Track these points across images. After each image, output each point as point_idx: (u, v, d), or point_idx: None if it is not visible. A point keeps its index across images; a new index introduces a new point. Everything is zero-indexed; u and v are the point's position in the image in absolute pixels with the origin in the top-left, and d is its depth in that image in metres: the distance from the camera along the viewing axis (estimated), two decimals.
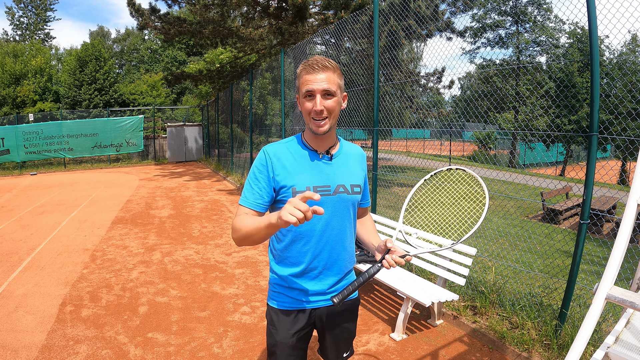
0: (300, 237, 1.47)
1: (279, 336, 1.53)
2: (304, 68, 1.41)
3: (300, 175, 1.44)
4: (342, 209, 1.50)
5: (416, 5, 7.67)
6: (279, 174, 1.44)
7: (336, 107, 1.42)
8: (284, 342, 1.52)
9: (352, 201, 1.52)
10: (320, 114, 1.39)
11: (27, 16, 38.78)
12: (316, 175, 1.46)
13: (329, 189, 1.46)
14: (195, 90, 25.32)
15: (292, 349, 1.53)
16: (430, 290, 3.26)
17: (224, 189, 11.04)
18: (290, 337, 1.52)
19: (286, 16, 11.60)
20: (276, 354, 1.54)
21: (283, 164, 1.45)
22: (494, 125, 20.45)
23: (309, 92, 1.39)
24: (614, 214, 8.92)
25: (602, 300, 1.15)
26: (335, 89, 1.40)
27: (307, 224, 1.45)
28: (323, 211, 1.13)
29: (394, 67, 6.90)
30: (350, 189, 1.51)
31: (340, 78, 1.44)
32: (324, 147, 1.51)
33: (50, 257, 5.23)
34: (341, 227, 1.51)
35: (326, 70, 1.39)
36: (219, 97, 15.35)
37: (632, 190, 1.23)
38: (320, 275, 1.52)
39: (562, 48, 19.28)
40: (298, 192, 1.41)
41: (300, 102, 1.44)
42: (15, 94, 21.84)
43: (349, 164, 1.55)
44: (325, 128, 1.41)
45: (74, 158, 17.76)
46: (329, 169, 1.49)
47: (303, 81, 1.40)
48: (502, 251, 5.10)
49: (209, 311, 3.65)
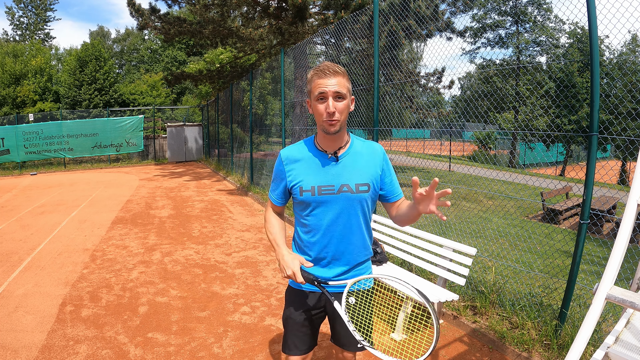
0: (310, 230, 1.65)
1: (290, 312, 1.74)
2: (315, 73, 1.54)
3: (306, 176, 1.61)
4: (348, 207, 1.61)
5: (416, 5, 7.67)
6: (290, 175, 1.65)
7: (346, 109, 1.55)
8: (293, 317, 1.73)
9: (359, 199, 1.61)
10: (332, 115, 1.50)
11: (27, 16, 38.79)
12: (321, 176, 1.60)
13: (332, 189, 1.59)
14: (195, 90, 25.33)
15: (300, 325, 1.72)
16: (430, 290, 3.25)
17: (224, 189, 11.04)
18: (299, 315, 1.72)
19: (286, 16, 11.60)
20: (287, 327, 1.76)
21: (293, 166, 1.64)
22: (494, 125, 20.45)
23: (321, 95, 1.51)
24: (614, 214, 8.92)
25: (602, 300, 1.15)
26: (345, 92, 1.53)
27: (314, 220, 1.63)
28: (303, 282, 1.52)
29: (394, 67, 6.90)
30: (355, 188, 1.60)
31: (349, 82, 1.57)
32: (333, 148, 1.62)
33: (50, 257, 5.23)
34: (347, 223, 1.62)
35: (337, 75, 1.51)
36: (219, 97, 15.35)
37: (632, 190, 1.23)
38: (329, 265, 1.67)
39: (562, 48, 19.28)
40: (304, 191, 1.60)
41: (313, 105, 1.56)
42: (15, 94, 21.84)
43: (358, 163, 1.62)
44: (336, 128, 1.53)
45: (74, 158, 17.76)
46: (334, 169, 1.61)
47: (315, 85, 1.52)
48: (502, 251, 5.10)
49: (209, 311, 3.65)
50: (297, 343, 1.73)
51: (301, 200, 1.62)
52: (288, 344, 1.75)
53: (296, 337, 1.73)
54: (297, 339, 1.73)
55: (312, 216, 1.63)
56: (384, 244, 4.03)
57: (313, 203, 1.60)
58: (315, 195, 1.59)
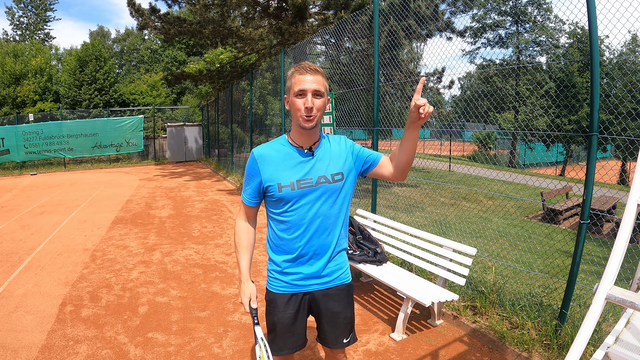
0: (291, 226, 1.64)
1: (276, 317, 1.72)
2: (296, 70, 1.59)
3: (284, 172, 1.63)
4: (327, 197, 1.64)
5: (416, 5, 7.67)
6: (265, 174, 1.64)
7: (322, 106, 1.60)
8: (281, 321, 1.71)
9: (335, 188, 1.66)
10: (310, 110, 1.55)
11: (27, 16, 38.77)
12: (299, 170, 1.63)
13: (311, 181, 1.62)
14: (195, 90, 25.32)
15: (288, 327, 1.71)
16: (430, 290, 3.25)
17: (224, 189, 11.04)
18: (286, 318, 1.70)
19: (286, 16, 11.59)
20: (276, 331, 1.73)
21: (269, 164, 1.64)
22: (494, 125, 20.45)
23: (301, 91, 1.55)
24: (614, 214, 8.92)
25: (602, 300, 1.15)
26: (323, 90, 1.59)
27: (295, 215, 1.63)
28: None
29: (394, 67, 6.90)
30: (331, 178, 1.65)
31: (327, 82, 1.63)
32: (309, 143, 1.66)
33: (50, 257, 5.23)
34: (328, 214, 1.65)
35: (316, 73, 1.57)
36: (219, 97, 15.34)
37: (632, 190, 1.23)
38: (311, 260, 1.67)
39: (562, 48, 19.27)
40: (283, 187, 1.61)
41: (291, 101, 1.60)
42: (15, 94, 21.84)
43: (331, 154, 1.69)
44: (312, 124, 1.58)
45: (74, 158, 17.75)
46: (310, 163, 1.65)
47: (296, 81, 1.57)
48: (502, 251, 5.10)
49: (209, 311, 3.65)
50: (288, 343, 1.73)
51: (280, 197, 1.62)
52: (279, 345, 1.74)
53: (287, 337, 1.73)
54: (288, 339, 1.73)
55: (292, 211, 1.63)
56: (384, 244, 4.03)
57: (294, 198, 1.61)
58: (295, 189, 1.61)
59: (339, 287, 1.74)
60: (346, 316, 1.76)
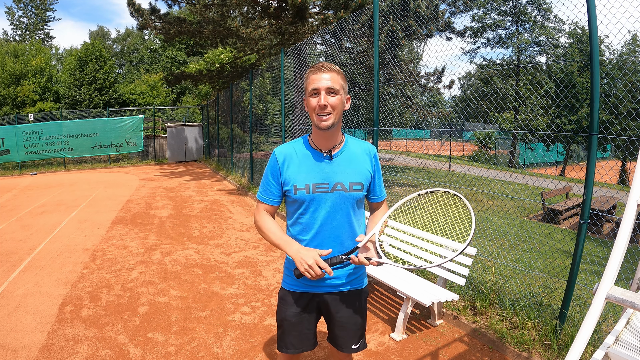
0: (304, 228, 1.65)
1: (285, 313, 1.72)
2: (311, 70, 1.57)
3: (301, 174, 1.61)
4: (341, 205, 1.63)
5: (416, 5, 7.67)
6: (284, 173, 1.63)
7: (339, 104, 1.56)
8: (289, 319, 1.71)
9: (351, 198, 1.64)
10: (324, 108, 1.52)
11: (27, 16, 38.79)
12: (316, 173, 1.61)
13: (327, 187, 1.61)
14: (195, 90, 25.33)
15: (296, 325, 1.71)
16: (430, 290, 3.25)
17: (224, 189, 11.04)
18: (294, 316, 1.71)
19: (286, 16, 11.59)
20: (284, 328, 1.74)
21: (289, 164, 1.63)
22: (494, 125, 20.45)
23: (314, 90, 1.54)
24: (614, 214, 8.92)
25: (602, 300, 1.15)
26: (339, 88, 1.55)
27: (308, 218, 1.63)
28: (332, 273, 1.50)
29: (394, 67, 6.90)
30: (348, 186, 1.62)
31: (344, 81, 1.60)
32: (327, 146, 1.63)
33: (50, 257, 5.23)
34: (340, 221, 1.64)
35: (331, 71, 1.55)
36: (219, 97, 15.34)
37: (632, 190, 1.23)
38: None
39: (562, 48, 19.27)
40: (298, 189, 1.60)
41: (307, 101, 1.59)
42: (15, 94, 21.84)
43: (352, 162, 1.65)
44: (328, 123, 1.54)
45: (74, 158, 17.76)
46: (329, 168, 1.62)
47: (310, 81, 1.56)
48: (502, 251, 5.10)
49: (209, 311, 3.65)
50: (293, 342, 1.73)
51: (295, 199, 1.62)
52: (285, 342, 1.74)
53: (292, 336, 1.73)
54: (293, 338, 1.73)
55: (305, 214, 1.63)
56: (383, 244, 4.03)
57: (307, 201, 1.61)
58: (310, 193, 1.60)
59: (351, 292, 1.73)
60: (356, 322, 1.74)
